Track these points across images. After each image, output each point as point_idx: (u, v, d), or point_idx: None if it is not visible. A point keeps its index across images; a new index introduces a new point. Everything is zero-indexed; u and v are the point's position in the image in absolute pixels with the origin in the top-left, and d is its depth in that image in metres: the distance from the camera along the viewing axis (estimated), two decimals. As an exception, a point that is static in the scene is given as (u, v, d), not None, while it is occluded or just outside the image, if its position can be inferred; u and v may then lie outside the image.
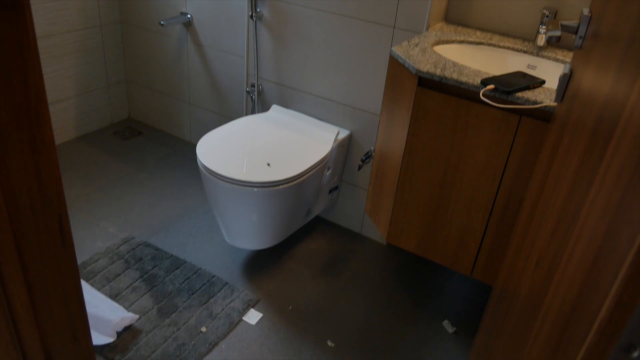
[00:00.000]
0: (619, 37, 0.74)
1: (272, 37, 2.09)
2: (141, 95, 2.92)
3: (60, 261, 0.93)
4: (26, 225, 0.85)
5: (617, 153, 0.53)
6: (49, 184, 0.88)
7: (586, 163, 0.68)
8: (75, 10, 2.56)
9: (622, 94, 0.61)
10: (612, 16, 0.83)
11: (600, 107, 0.74)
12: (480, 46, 1.73)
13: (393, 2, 1.79)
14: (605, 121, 0.67)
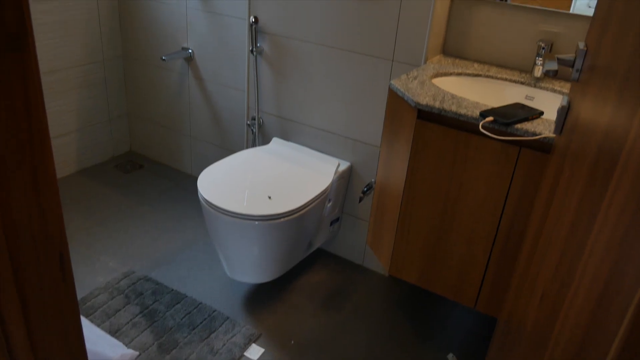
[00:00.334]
0: (616, 69, 0.75)
1: (272, 71, 2.12)
2: (143, 129, 2.94)
3: (60, 299, 0.92)
4: (27, 263, 0.84)
5: (619, 189, 0.53)
6: (51, 222, 0.88)
7: (587, 198, 0.68)
8: (79, 46, 2.60)
9: (622, 127, 0.61)
10: (608, 49, 0.85)
11: (599, 139, 0.74)
12: (478, 78, 1.75)
13: (391, 36, 1.82)
14: (605, 154, 0.67)
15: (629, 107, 0.62)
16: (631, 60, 0.67)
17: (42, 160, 0.79)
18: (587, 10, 1.68)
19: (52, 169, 0.80)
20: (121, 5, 2.70)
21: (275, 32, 2.05)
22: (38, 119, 0.76)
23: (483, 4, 1.82)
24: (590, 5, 1.68)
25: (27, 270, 0.85)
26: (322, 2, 1.91)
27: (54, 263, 0.90)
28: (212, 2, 2.36)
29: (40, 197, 0.81)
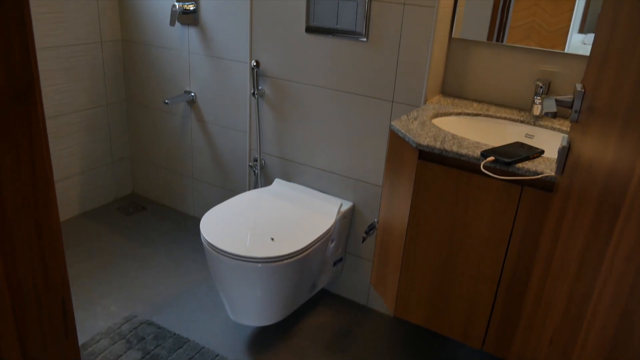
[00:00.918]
0: (616, 110, 0.75)
1: (274, 112, 2.15)
2: (145, 171, 2.95)
3: (62, 349, 0.91)
4: (29, 311, 0.84)
5: (626, 233, 0.53)
6: (54, 269, 0.87)
7: (593, 241, 0.68)
8: (84, 91, 2.64)
9: (625, 169, 0.61)
10: (606, 90, 0.86)
11: (602, 181, 0.74)
12: (478, 117, 1.77)
13: (390, 78, 1.85)
14: (609, 196, 0.67)
15: (631, 148, 0.62)
16: (632, 101, 0.68)
17: (46, 212, 0.79)
18: (582, 47, 1.71)
19: (56, 220, 0.81)
20: (125, 51, 2.75)
21: (276, 75, 2.09)
22: (43, 172, 0.77)
23: (480, 45, 1.85)
24: (585, 42, 1.71)
25: (28, 319, 0.84)
26: (322, 46, 1.95)
27: (57, 310, 0.89)
28: (214, 47, 2.41)
29: (44, 248, 0.81)
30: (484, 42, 1.84)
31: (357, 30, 1.85)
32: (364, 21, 1.83)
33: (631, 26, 0.77)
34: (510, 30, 1.79)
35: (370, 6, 1.81)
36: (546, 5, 1.72)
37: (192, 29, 2.45)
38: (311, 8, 1.91)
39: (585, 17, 1.69)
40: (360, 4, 1.81)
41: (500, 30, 1.80)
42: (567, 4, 1.69)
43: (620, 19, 0.86)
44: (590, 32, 1.70)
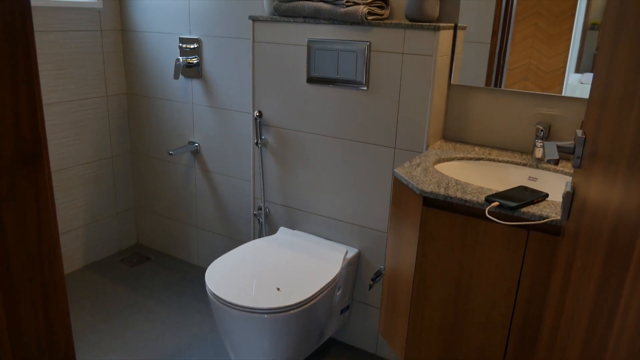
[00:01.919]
0: (619, 156, 0.75)
1: (277, 161, 2.17)
2: (149, 221, 2.96)
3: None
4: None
5: (636, 289, 0.52)
6: (59, 331, 0.86)
7: (604, 295, 0.67)
8: (89, 144, 2.68)
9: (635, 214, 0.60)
10: (608, 136, 0.86)
11: (611, 226, 0.73)
12: (480, 162, 1.78)
13: (392, 125, 1.87)
14: (619, 242, 0.66)
15: (638, 194, 0.62)
16: (635, 146, 0.68)
17: (52, 273, 0.79)
18: (579, 87, 1.73)
19: (61, 281, 0.80)
20: (130, 104, 2.80)
21: (278, 124, 2.12)
22: (49, 233, 0.77)
23: (478, 91, 1.88)
24: (582, 82, 1.73)
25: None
26: (323, 96, 1.98)
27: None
28: (217, 99, 2.46)
29: (49, 309, 0.80)
30: (482, 88, 1.87)
31: (358, 80, 1.89)
32: (364, 71, 1.87)
33: (629, 72, 0.78)
34: (507, 72, 1.82)
35: (370, 56, 1.85)
36: (542, 48, 1.75)
37: (195, 82, 2.51)
38: (312, 59, 1.96)
39: (580, 58, 1.72)
40: (360, 54, 1.86)
41: (497, 75, 1.84)
42: (562, 46, 1.72)
43: (617, 64, 0.87)
44: (586, 72, 1.73)
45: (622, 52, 0.85)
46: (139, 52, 2.67)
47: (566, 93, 1.75)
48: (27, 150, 0.75)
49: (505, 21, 1.79)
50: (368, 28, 1.83)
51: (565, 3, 1.69)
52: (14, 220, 0.76)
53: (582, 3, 1.67)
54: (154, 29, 2.58)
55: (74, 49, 2.51)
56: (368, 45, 1.84)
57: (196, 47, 2.45)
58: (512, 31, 1.78)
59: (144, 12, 2.59)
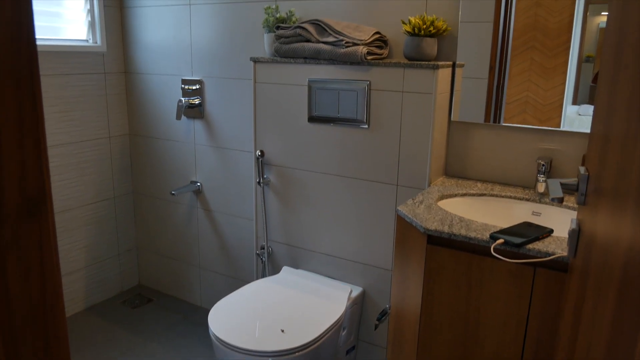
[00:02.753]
0: (627, 192, 0.75)
1: (280, 200, 2.17)
2: (151, 262, 2.93)
3: None
4: None
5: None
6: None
7: (618, 339, 0.65)
8: (91, 185, 2.68)
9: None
10: (612, 172, 0.86)
11: (623, 263, 0.72)
12: (483, 197, 1.78)
13: (394, 162, 1.88)
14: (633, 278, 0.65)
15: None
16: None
17: (55, 325, 0.77)
18: (577, 119, 1.75)
19: (64, 333, 0.79)
20: (133, 144, 2.82)
21: (280, 163, 2.13)
22: (52, 284, 0.76)
23: (478, 127, 1.89)
24: (580, 113, 1.75)
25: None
26: (324, 135, 1.99)
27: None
28: (219, 138, 2.48)
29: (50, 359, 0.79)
30: (482, 124, 1.89)
31: (359, 118, 1.91)
32: (365, 109, 1.88)
33: (630, 109, 0.79)
34: (506, 106, 1.84)
35: (370, 95, 1.87)
36: (538, 81, 1.77)
37: (197, 122, 2.53)
38: (313, 98, 1.98)
39: (577, 90, 1.74)
40: (360, 93, 1.88)
41: (496, 109, 1.85)
42: (558, 78, 1.75)
43: (618, 99, 0.87)
44: (583, 103, 1.74)
45: (622, 88, 0.85)
46: (142, 94, 2.71)
47: (564, 125, 1.76)
48: (31, 200, 0.75)
49: (502, 56, 1.81)
50: (368, 67, 1.85)
51: (560, 37, 1.72)
52: (17, 271, 0.75)
53: (576, 37, 1.70)
54: (156, 71, 2.62)
55: (78, 92, 2.55)
56: (368, 84, 1.86)
57: (198, 88, 2.48)
58: (508, 66, 1.81)
59: (147, 54, 2.63)
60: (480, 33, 1.82)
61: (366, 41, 1.84)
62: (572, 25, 1.70)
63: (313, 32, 1.90)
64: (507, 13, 1.78)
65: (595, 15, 1.69)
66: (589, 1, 1.68)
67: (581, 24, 1.70)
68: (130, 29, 2.68)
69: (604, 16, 1.68)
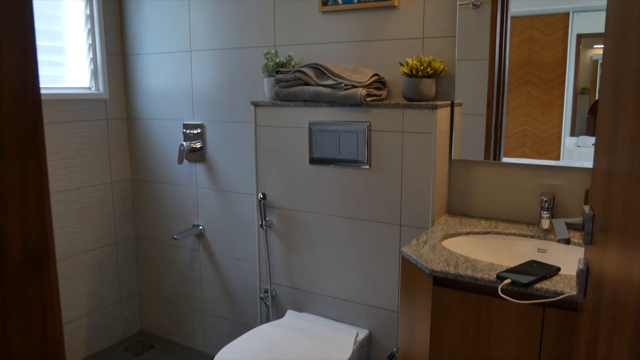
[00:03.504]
0: (636, 230, 0.74)
1: (283, 242, 2.15)
2: (153, 307, 2.89)
3: None
4: None
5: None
6: None
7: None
8: (93, 231, 2.67)
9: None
10: (618, 211, 0.85)
11: (636, 308, 0.71)
12: (488, 235, 1.76)
13: (396, 202, 1.88)
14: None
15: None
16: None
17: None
18: (576, 150, 1.75)
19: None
20: (135, 189, 2.83)
21: (283, 206, 2.12)
22: (54, 339, 0.75)
23: (479, 164, 1.90)
24: (579, 145, 1.76)
25: None
26: (326, 176, 2.00)
27: None
28: (221, 181, 2.48)
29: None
30: (483, 162, 1.89)
31: (360, 159, 1.91)
32: (365, 150, 1.89)
33: (634, 146, 0.78)
34: (505, 140, 1.85)
35: (370, 136, 1.88)
36: (536, 114, 1.79)
37: (199, 165, 2.54)
38: (313, 140, 1.99)
39: (574, 121, 1.76)
40: (361, 134, 1.89)
41: (496, 143, 1.86)
42: (555, 111, 1.76)
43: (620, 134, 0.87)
44: (581, 135, 1.76)
45: (622, 124, 0.86)
46: (144, 139, 2.73)
47: (564, 157, 1.77)
48: (34, 256, 0.75)
49: (499, 91, 1.84)
50: (367, 109, 1.87)
51: (554, 71, 1.75)
52: (19, 326, 0.74)
53: (571, 70, 1.73)
54: (158, 116, 2.65)
55: (81, 138, 2.57)
56: (368, 126, 1.88)
57: (199, 132, 2.50)
58: (506, 100, 1.83)
59: (149, 100, 2.67)
60: (477, 70, 1.85)
61: (365, 83, 1.86)
62: (566, 59, 1.73)
63: (312, 76, 1.93)
64: (501, 49, 1.81)
65: (588, 49, 1.72)
66: (581, 35, 1.71)
67: (575, 57, 1.73)
68: (132, 75, 2.72)
69: (597, 49, 1.71)
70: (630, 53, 0.82)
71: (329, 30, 2.10)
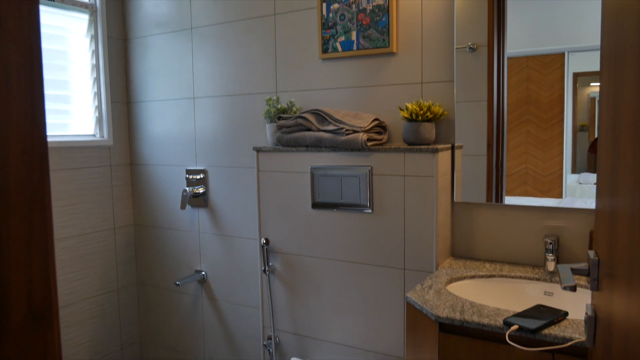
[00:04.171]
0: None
1: (286, 288, 2.13)
2: (155, 355, 2.84)
3: None
4: None
5: None
6: None
7: None
8: (95, 278, 2.65)
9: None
10: (624, 256, 0.84)
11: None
12: (493, 279, 1.75)
13: (399, 246, 1.87)
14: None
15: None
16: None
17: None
18: (578, 187, 1.75)
19: None
20: (137, 235, 2.82)
21: (286, 251, 2.11)
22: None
23: (482, 206, 1.90)
24: (580, 182, 1.76)
25: None
26: (329, 220, 2.00)
27: None
28: (223, 226, 2.48)
29: None
30: (485, 204, 1.89)
31: (362, 203, 1.92)
32: (368, 194, 1.90)
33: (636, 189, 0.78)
34: (507, 178, 1.85)
35: (372, 180, 1.89)
36: (536, 153, 1.80)
37: (201, 210, 2.54)
38: (315, 185, 2.00)
39: (575, 159, 1.77)
40: (363, 178, 1.90)
41: (498, 184, 1.86)
42: (556, 149, 1.77)
43: (621, 175, 0.87)
44: (582, 172, 1.76)
45: (622, 163, 0.85)
46: (147, 184, 2.74)
47: (566, 195, 1.77)
48: (37, 310, 0.74)
49: (499, 131, 1.85)
50: (369, 153, 1.89)
51: (553, 110, 1.77)
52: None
53: (569, 108, 1.75)
54: (161, 162, 2.67)
55: (85, 185, 2.58)
56: (370, 170, 1.89)
57: (202, 177, 2.52)
58: (505, 140, 1.85)
59: (152, 146, 2.70)
60: (476, 111, 1.87)
61: (365, 128, 1.89)
62: (564, 97, 1.76)
63: (313, 121, 1.96)
64: (499, 90, 1.84)
65: (585, 86, 1.74)
66: (577, 74, 1.74)
67: (572, 95, 1.75)
68: (136, 122, 2.76)
69: (594, 87, 1.74)
70: (626, 91, 0.83)
71: (330, 77, 2.14)
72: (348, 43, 2.07)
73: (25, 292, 0.72)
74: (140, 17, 2.69)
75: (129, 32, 2.74)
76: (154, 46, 2.65)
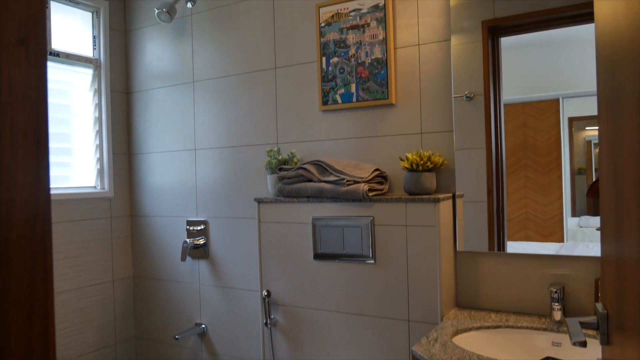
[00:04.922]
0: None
1: (288, 341, 2.09)
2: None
3: None
4: None
5: None
6: None
7: None
8: (93, 332, 2.60)
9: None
10: (634, 308, 0.83)
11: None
12: (499, 329, 1.71)
13: (403, 297, 1.84)
14: None
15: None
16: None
17: None
18: (579, 231, 1.75)
19: None
20: (136, 287, 2.79)
21: (288, 303, 2.08)
22: None
23: (485, 255, 1.89)
24: (581, 225, 1.75)
25: None
26: (331, 272, 1.97)
27: None
28: (224, 278, 2.45)
29: None
30: (488, 253, 1.88)
31: (364, 254, 1.90)
32: (370, 244, 1.89)
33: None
34: (508, 223, 1.84)
35: (374, 230, 1.89)
36: (535, 197, 1.80)
37: (202, 262, 2.52)
38: (317, 236, 1.99)
39: (574, 202, 1.77)
40: (364, 229, 1.89)
41: (499, 229, 1.85)
42: (555, 193, 1.78)
43: (625, 223, 0.86)
44: (583, 215, 1.76)
45: (627, 208, 0.85)
46: (147, 236, 2.73)
47: (568, 239, 1.76)
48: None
49: (498, 177, 1.86)
50: (370, 203, 1.89)
51: (550, 154, 1.78)
52: None
53: (566, 152, 1.76)
54: (162, 213, 2.67)
55: (85, 237, 2.57)
56: (371, 220, 1.89)
57: (203, 228, 2.51)
58: (505, 185, 1.85)
59: (153, 197, 2.70)
60: (475, 158, 1.88)
61: (367, 178, 1.89)
62: (561, 142, 1.78)
63: (315, 172, 1.97)
64: (497, 136, 1.86)
65: (581, 130, 1.76)
66: (572, 118, 1.76)
67: (568, 139, 1.77)
68: (137, 174, 2.77)
69: (589, 130, 1.76)
70: (626, 136, 0.83)
71: (330, 128, 2.17)
72: (348, 95, 2.10)
73: (24, 354, 0.71)
74: (143, 70, 2.74)
75: (131, 85, 2.79)
76: (156, 99, 2.70)
